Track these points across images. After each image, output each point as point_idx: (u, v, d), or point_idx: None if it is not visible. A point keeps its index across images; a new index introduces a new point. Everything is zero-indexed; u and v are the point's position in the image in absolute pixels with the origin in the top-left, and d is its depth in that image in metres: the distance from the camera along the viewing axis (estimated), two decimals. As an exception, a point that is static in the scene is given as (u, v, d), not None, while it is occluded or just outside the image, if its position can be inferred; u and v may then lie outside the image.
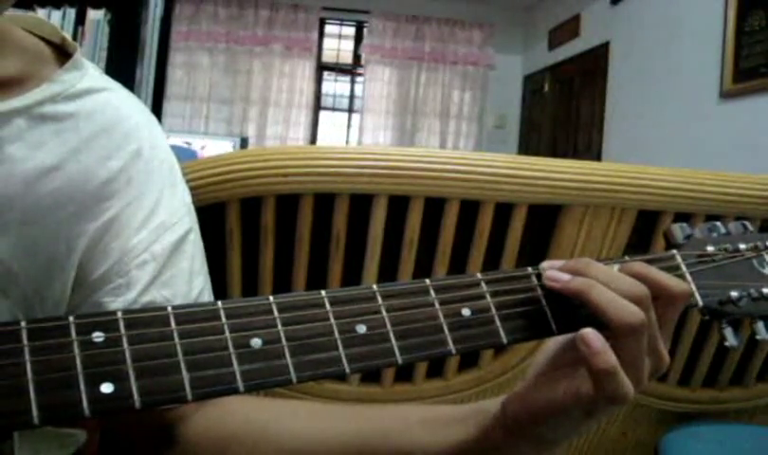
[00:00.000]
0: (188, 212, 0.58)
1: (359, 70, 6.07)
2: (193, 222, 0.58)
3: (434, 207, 0.98)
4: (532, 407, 0.44)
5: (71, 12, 2.51)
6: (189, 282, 0.55)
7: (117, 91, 0.57)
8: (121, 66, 2.48)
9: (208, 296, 0.58)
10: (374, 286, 0.40)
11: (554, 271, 0.45)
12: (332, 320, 0.38)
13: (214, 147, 3.59)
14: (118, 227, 0.51)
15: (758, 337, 0.49)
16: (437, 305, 0.41)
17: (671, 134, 3.56)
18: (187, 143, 3.57)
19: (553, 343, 0.47)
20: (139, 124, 0.56)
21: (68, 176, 0.49)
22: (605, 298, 0.41)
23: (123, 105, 0.56)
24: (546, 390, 0.44)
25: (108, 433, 0.59)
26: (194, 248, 0.57)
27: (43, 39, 0.55)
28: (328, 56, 6.15)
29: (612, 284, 0.42)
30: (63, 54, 0.55)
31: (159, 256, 0.53)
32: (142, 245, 0.52)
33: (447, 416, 0.50)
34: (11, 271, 0.47)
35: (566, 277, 0.44)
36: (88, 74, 0.54)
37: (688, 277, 0.48)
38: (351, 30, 6.15)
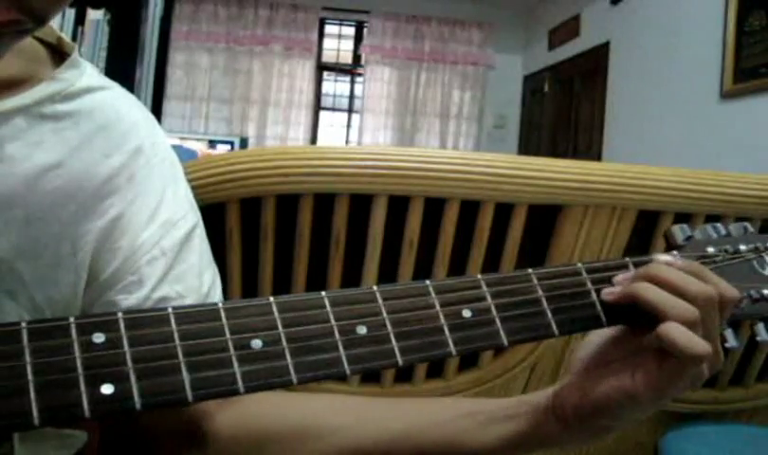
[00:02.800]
0: (191, 208, 0.58)
1: (359, 70, 6.07)
2: (198, 217, 0.59)
3: (434, 207, 0.98)
4: (598, 398, 0.45)
5: (71, 12, 2.51)
6: (199, 276, 0.55)
7: (114, 90, 0.57)
8: (121, 66, 2.48)
9: (218, 290, 0.59)
10: (375, 287, 0.40)
11: (609, 287, 0.46)
12: (332, 322, 0.38)
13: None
14: (123, 225, 0.52)
15: (758, 339, 0.49)
16: (437, 306, 0.41)
17: (671, 134, 3.56)
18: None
19: (597, 337, 0.48)
20: (138, 122, 0.57)
21: (69, 175, 0.50)
22: (660, 297, 0.43)
23: (121, 104, 0.56)
24: (610, 381, 0.44)
25: (116, 433, 0.58)
26: (202, 243, 0.57)
27: (38, 39, 0.55)
28: (328, 56, 6.15)
29: (681, 285, 0.43)
30: (59, 54, 0.55)
31: (169, 252, 0.53)
32: (151, 242, 0.52)
33: (494, 411, 0.50)
34: (15, 270, 0.47)
35: (618, 288, 0.45)
36: (86, 73, 0.54)
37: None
38: (351, 30, 6.15)
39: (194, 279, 0.54)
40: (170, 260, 0.53)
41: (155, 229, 0.53)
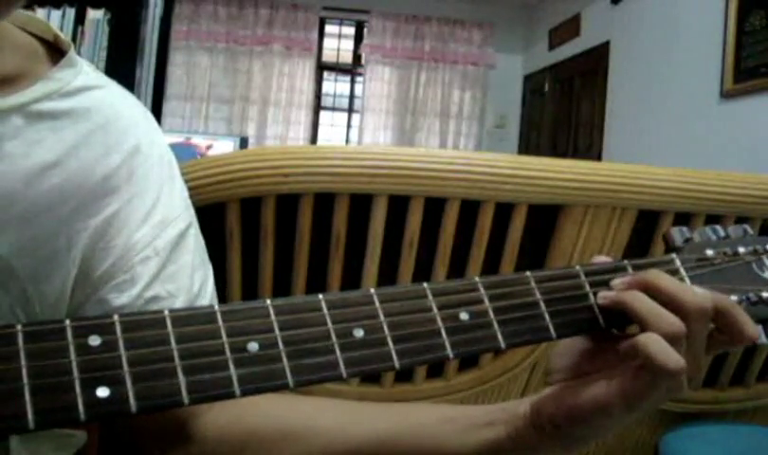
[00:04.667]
0: (187, 207, 0.58)
1: (359, 70, 6.07)
2: (192, 217, 0.59)
3: (434, 207, 0.98)
4: (571, 408, 0.44)
5: (71, 12, 2.51)
6: (191, 275, 0.55)
7: (111, 88, 0.57)
8: (121, 66, 2.48)
9: (210, 288, 0.59)
10: (372, 290, 0.40)
11: (604, 291, 0.46)
12: (329, 324, 0.38)
13: (219, 146, 3.54)
14: (119, 224, 0.52)
15: (756, 342, 0.48)
16: (435, 309, 0.41)
17: (671, 134, 3.56)
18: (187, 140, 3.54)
19: (575, 346, 0.48)
20: (136, 120, 0.57)
21: (68, 173, 0.50)
22: (646, 307, 0.43)
23: (119, 102, 0.56)
24: (585, 391, 0.44)
25: (109, 433, 0.58)
26: (195, 243, 0.57)
27: (35, 36, 0.55)
28: (328, 56, 6.15)
29: (673, 293, 0.43)
30: (56, 51, 0.55)
31: (162, 251, 0.53)
32: (145, 241, 0.52)
33: (475, 417, 0.50)
34: (11, 267, 0.47)
35: (612, 293, 0.45)
36: (83, 71, 0.54)
37: (687, 281, 0.48)
38: (351, 30, 6.15)
39: (186, 278, 0.54)
40: (162, 259, 0.53)
41: (149, 229, 0.53)
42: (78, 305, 0.51)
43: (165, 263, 0.53)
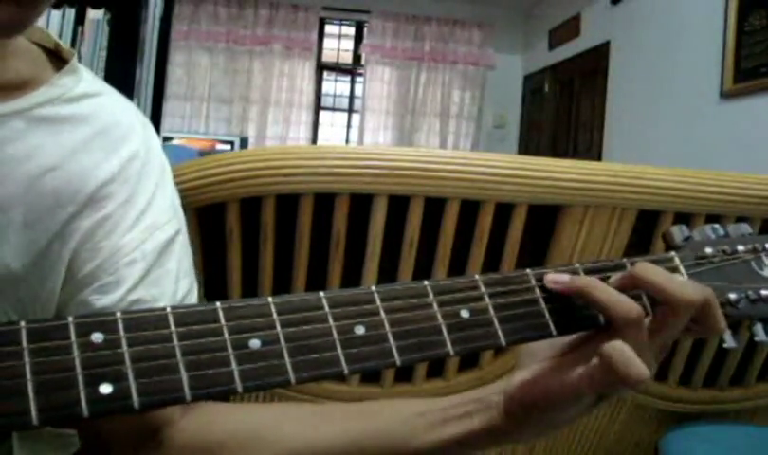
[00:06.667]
0: (176, 214, 0.59)
1: (359, 70, 6.07)
2: (182, 224, 0.59)
3: (434, 207, 0.98)
4: (542, 393, 0.45)
5: (71, 12, 2.51)
6: (176, 282, 0.55)
7: (111, 95, 0.58)
8: (121, 66, 2.48)
9: (194, 299, 0.59)
10: (373, 288, 0.40)
11: (553, 274, 0.46)
12: (330, 322, 0.38)
13: (219, 146, 3.53)
14: (109, 226, 0.52)
15: (756, 339, 0.49)
16: (436, 307, 0.41)
17: (671, 134, 3.56)
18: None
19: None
20: (134, 127, 0.57)
21: (67, 177, 0.50)
22: (605, 295, 0.43)
23: (118, 109, 0.57)
24: (557, 377, 0.45)
25: (84, 440, 0.57)
26: (182, 250, 0.58)
27: (37, 44, 0.55)
28: (328, 56, 6.15)
29: (666, 287, 0.44)
30: (57, 59, 0.56)
31: (149, 255, 0.53)
32: (132, 245, 0.53)
33: (447, 411, 0.50)
34: (11, 270, 0.47)
35: (566, 277, 0.45)
36: (84, 78, 0.55)
37: (686, 278, 0.48)
38: (351, 30, 6.15)
39: (171, 284, 0.54)
40: (148, 263, 0.53)
41: (138, 233, 0.53)
42: (61, 305, 0.51)
43: (150, 267, 0.53)
